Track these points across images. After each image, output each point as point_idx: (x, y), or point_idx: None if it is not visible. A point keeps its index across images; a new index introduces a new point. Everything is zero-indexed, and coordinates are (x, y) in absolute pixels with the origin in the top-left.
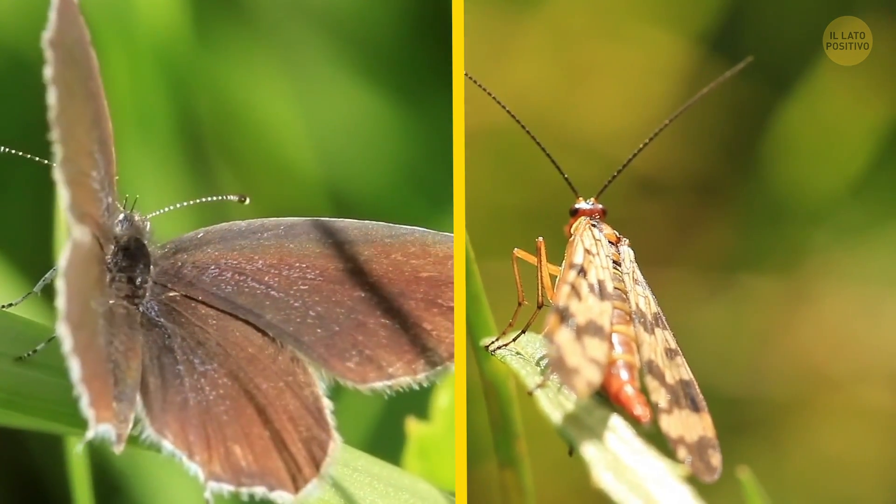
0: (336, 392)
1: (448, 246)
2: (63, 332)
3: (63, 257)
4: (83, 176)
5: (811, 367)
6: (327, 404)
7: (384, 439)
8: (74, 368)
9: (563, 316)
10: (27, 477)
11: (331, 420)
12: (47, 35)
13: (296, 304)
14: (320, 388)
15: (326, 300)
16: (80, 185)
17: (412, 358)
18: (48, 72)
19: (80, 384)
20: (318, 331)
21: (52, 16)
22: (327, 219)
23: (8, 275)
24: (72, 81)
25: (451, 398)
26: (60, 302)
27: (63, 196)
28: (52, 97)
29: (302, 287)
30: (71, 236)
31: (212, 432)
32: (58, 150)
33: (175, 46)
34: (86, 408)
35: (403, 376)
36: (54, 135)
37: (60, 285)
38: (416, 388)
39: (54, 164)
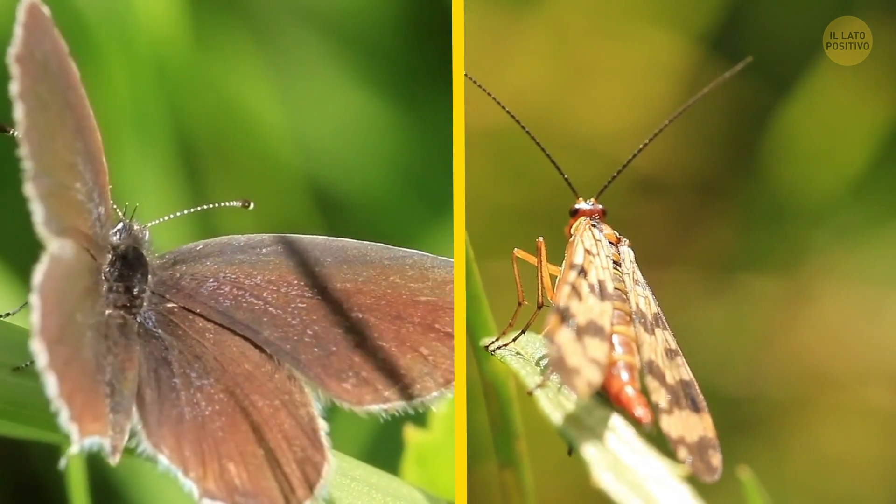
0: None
1: (446, 271)
2: (37, 348)
3: (38, 273)
4: (64, 189)
5: (811, 367)
6: (322, 425)
7: (382, 447)
8: (51, 384)
9: (564, 316)
10: (28, 484)
11: (325, 442)
12: (13, 51)
13: (293, 322)
14: (316, 408)
15: (324, 319)
16: (59, 199)
17: (409, 382)
18: (14, 87)
19: (58, 399)
20: (315, 350)
21: (19, 31)
22: (326, 237)
23: (6, 283)
24: (45, 95)
25: (449, 404)
26: (34, 318)
27: (36, 211)
28: (19, 113)
29: (300, 305)
30: (48, 251)
31: (207, 448)
32: (28, 166)
33: (174, 52)
34: (66, 422)
35: (399, 400)
36: (23, 150)
37: (35, 301)
38: (412, 412)
39: (25, 180)
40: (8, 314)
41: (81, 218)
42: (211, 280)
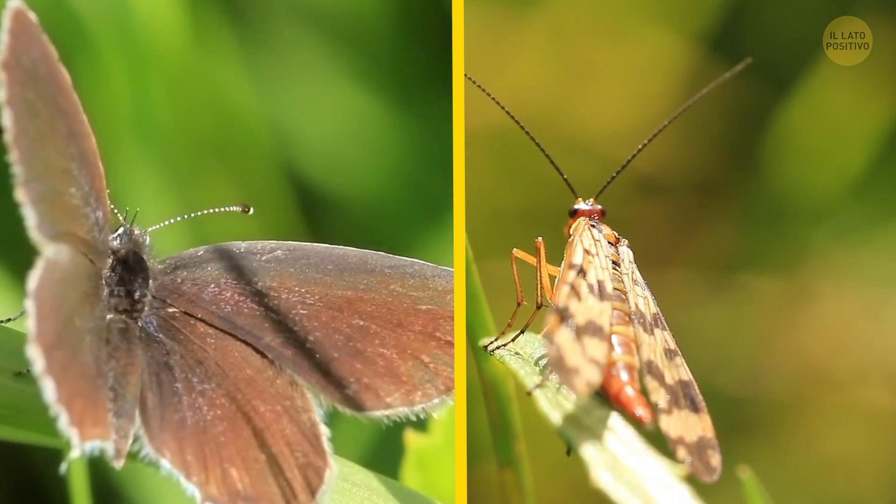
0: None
1: (447, 280)
2: (34, 353)
3: (33, 277)
4: (57, 194)
5: (811, 367)
6: (324, 431)
7: (383, 451)
8: (49, 389)
9: (563, 316)
10: (29, 487)
11: (327, 447)
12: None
13: (295, 329)
14: (318, 414)
15: (325, 326)
16: (53, 204)
17: (410, 389)
18: (1, 94)
19: (56, 404)
20: (317, 356)
21: (4, 37)
22: (327, 245)
23: (7, 289)
24: (34, 101)
25: (450, 407)
26: (30, 323)
27: (28, 217)
28: (7, 119)
29: (301, 311)
30: (43, 256)
31: (209, 453)
32: (18, 171)
33: (172, 55)
34: (66, 427)
35: (401, 406)
36: (12, 157)
37: (30, 307)
38: (413, 418)
39: (16, 186)
40: (9, 319)
41: (77, 222)
42: (212, 285)
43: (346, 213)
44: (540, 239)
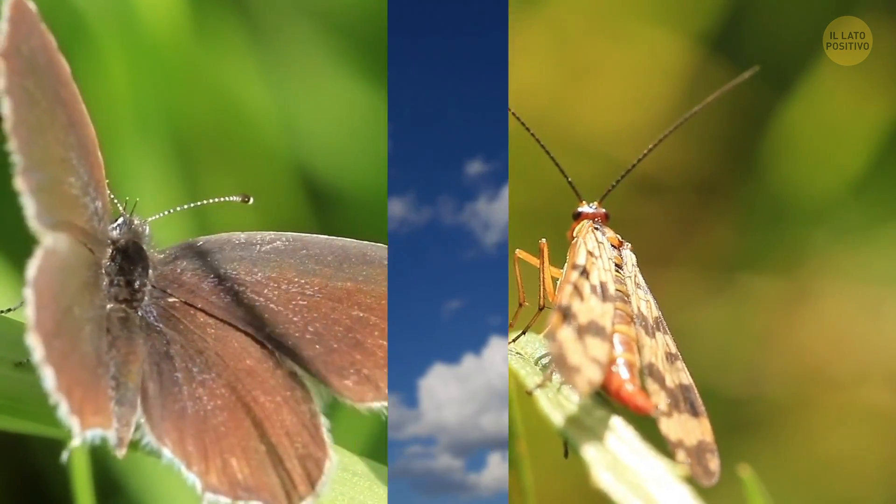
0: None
1: None
2: (33, 342)
3: (31, 266)
4: (56, 183)
5: (811, 367)
6: (324, 422)
7: (382, 442)
8: (48, 378)
9: (566, 315)
10: (29, 477)
11: (327, 438)
12: None
13: (294, 319)
14: (318, 405)
15: (325, 317)
16: (51, 193)
17: None
18: (0, 83)
19: (56, 393)
20: (317, 347)
21: (4, 26)
22: (325, 236)
23: (7, 279)
24: (34, 90)
25: None
26: (29, 312)
27: (27, 205)
28: (6, 108)
29: (301, 302)
30: (42, 245)
31: (209, 443)
32: (17, 160)
33: (172, 47)
34: (66, 416)
35: None
36: (11, 145)
37: (29, 295)
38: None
39: (15, 175)
40: (9, 310)
41: (77, 212)
42: (212, 276)
43: (350, 206)
44: (543, 240)
